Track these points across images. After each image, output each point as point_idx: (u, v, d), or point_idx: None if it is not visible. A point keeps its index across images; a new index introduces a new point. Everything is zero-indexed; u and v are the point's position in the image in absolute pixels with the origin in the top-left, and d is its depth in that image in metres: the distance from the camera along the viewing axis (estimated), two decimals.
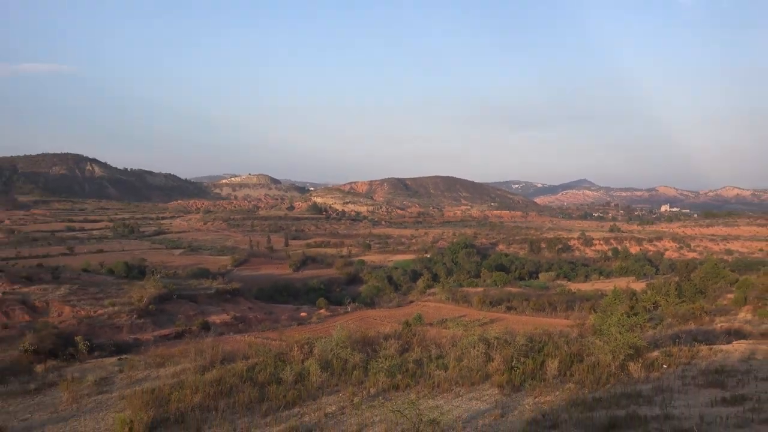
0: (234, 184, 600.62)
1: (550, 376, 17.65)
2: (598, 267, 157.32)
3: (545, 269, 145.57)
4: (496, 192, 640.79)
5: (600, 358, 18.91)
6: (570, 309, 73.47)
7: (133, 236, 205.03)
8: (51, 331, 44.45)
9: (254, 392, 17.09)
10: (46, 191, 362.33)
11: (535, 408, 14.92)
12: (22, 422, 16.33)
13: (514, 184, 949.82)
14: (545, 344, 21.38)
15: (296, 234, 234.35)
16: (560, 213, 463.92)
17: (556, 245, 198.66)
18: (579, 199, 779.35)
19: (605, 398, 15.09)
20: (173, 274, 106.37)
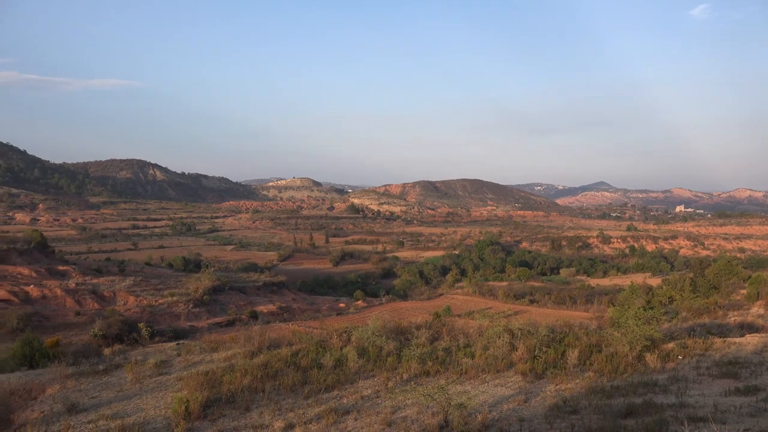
0: (280, 186, 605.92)
1: (571, 365, 17.38)
2: (615, 263, 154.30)
3: (566, 265, 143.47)
4: (520, 193, 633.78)
5: (618, 349, 18.55)
6: (589, 302, 72.27)
7: (190, 233, 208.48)
8: (117, 318, 45.54)
9: (297, 376, 17.22)
10: (114, 193, 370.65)
11: (556, 395, 14.70)
12: (92, 400, 16.72)
13: (537, 186, 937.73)
14: (566, 335, 21.07)
15: (336, 232, 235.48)
16: (580, 213, 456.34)
17: (576, 243, 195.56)
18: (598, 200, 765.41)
19: (623, 387, 14.79)
20: (225, 267, 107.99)
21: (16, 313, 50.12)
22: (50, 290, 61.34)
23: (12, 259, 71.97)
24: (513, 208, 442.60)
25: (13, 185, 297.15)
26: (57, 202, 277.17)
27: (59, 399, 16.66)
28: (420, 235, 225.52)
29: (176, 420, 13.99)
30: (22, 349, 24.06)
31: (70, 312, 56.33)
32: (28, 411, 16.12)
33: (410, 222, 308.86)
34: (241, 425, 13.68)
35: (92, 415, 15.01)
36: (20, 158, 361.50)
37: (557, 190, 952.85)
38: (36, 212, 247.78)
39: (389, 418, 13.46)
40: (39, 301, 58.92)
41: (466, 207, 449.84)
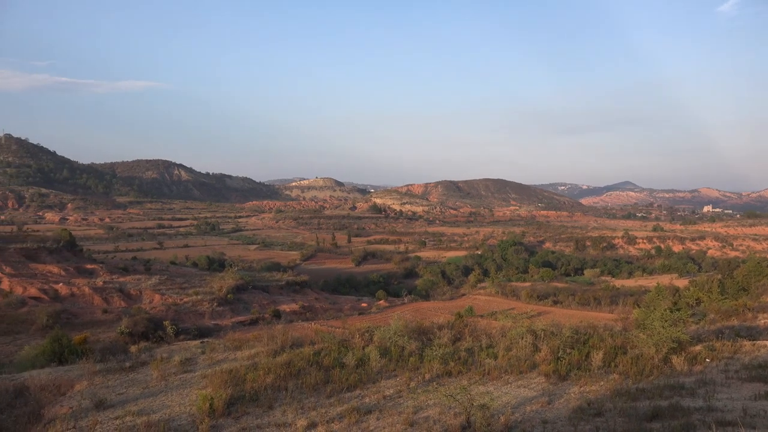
0: (302, 186, 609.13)
1: (595, 367, 17.18)
2: (641, 264, 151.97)
3: (590, 266, 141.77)
4: (543, 193, 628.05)
5: (643, 351, 18.29)
6: (614, 304, 71.33)
7: (214, 233, 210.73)
8: (143, 316, 46.31)
9: (320, 375, 17.29)
10: (140, 193, 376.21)
11: (580, 397, 14.55)
12: (119, 396, 17.00)
13: (560, 186, 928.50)
14: (590, 336, 20.82)
15: (358, 232, 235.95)
16: (605, 213, 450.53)
17: (600, 243, 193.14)
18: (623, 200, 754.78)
19: (649, 389, 14.57)
20: (249, 267, 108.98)
21: (46, 310, 51.23)
22: (79, 288, 62.53)
23: (42, 258, 73.56)
24: (536, 208, 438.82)
25: (43, 185, 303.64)
26: (85, 201, 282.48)
27: (87, 395, 16.96)
28: (442, 235, 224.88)
29: (201, 417, 14.15)
30: (51, 346, 24.53)
31: (97, 310, 57.39)
32: (58, 406, 16.45)
33: (432, 222, 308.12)
34: (265, 423, 13.78)
35: (119, 411, 15.25)
36: (50, 159, 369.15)
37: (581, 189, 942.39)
38: (65, 212, 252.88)
39: (411, 418, 13.45)
40: (68, 299, 60.13)
41: (489, 207, 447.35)
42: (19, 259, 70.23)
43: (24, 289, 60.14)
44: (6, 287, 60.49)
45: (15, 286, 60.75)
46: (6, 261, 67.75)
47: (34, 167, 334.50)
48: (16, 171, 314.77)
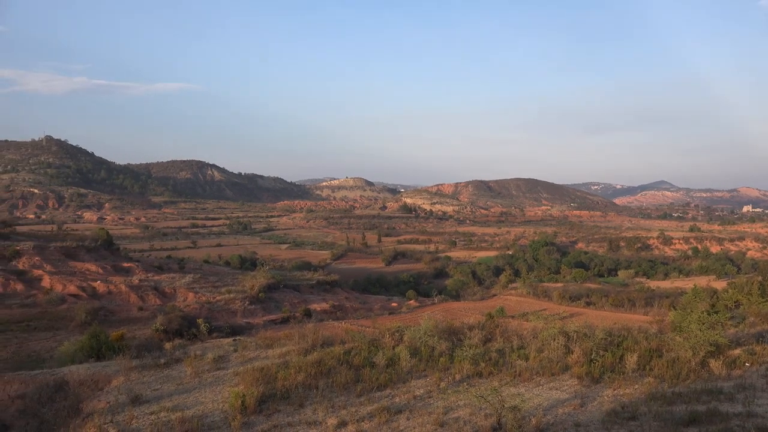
0: (333, 186, 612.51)
1: (629, 370, 16.86)
2: (677, 265, 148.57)
3: (624, 267, 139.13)
4: (576, 193, 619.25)
5: (680, 354, 17.89)
6: (649, 305, 69.85)
7: (246, 232, 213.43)
8: (178, 314, 47.10)
9: (350, 374, 17.36)
10: (174, 193, 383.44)
11: (614, 400, 14.30)
12: (154, 392, 17.35)
13: (594, 186, 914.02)
14: (624, 339, 20.46)
15: (388, 231, 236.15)
16: (639, 213, 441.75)
17: (635, 244, 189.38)
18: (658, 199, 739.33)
19: (685, 393, 14.24)
20: (280, 266, 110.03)
21: (85, 307, 52.56)
22: (115, 286, 64.01)
23: (81, 256, 75.54)
24: (569, 208, 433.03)
25: (81, 185, 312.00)
26: (122, 201, 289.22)
27: (124, 390, 17.36)
28: (473, 235, 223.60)
29: (233, 414, 14.35)
30: (89, 342, 25.18)
31: (133, 307, 58.64)
32: (95, 401, 16.87)
33: (463, 222, 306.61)
34: (295, 421, 13.90)
35: (154, 407, 15.57)
36: (88, 160, 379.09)
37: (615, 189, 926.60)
38: (102, 211, 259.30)
39: (441, 419, 13.41)
40: (105, 297, 61.59)
41: (520, 207, 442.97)
42: (59, 258, 72.23)
43: (64, 287, 61.84)
44: (47, 284, 62.30)
45: (55, 283, 62.52)
46: (47, 259, 69.75)
47: (74, 168, 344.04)
48: (57, 172, 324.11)
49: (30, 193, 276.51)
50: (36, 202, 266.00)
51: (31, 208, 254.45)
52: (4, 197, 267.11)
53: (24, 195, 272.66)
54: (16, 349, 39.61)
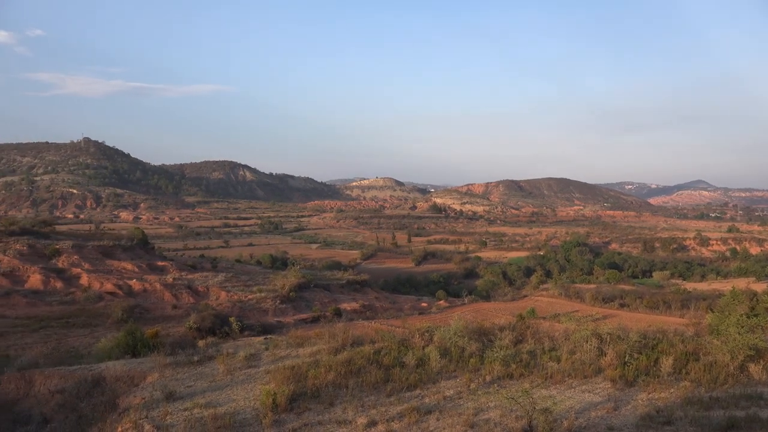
0: (363, 186, 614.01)
1: (665, 373, 16.50)
2: (715, 267, 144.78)
3: (659, 268, 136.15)
4: (609, 193, 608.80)
5: (717, 358, 17.43)
6: (685, 308, 68.20)
7: (277, 232, 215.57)
8: (210, 312, 47.79)
9: (380, 373, 17.37)
10: (207, 193, 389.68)
11: (648, 403, 14.01)
12: (188, 388, 17.65)
13: (628, 185, 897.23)
14: (659, 341, 20.02)
15: (418, 231, 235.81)
16: (675, 213, 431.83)
17: (670, 245, 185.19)
18: (695, 199, 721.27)
19: (723, 398, 13.88)
20: (310, 265, 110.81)
21: (121, 305, 53.79)
22: (150, 284, 65.31)
23: (117, 255, 77.31)
24: (602, 208, 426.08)
25: (118, 186, 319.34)
26: (156, 201, 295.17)
27: (158, 386, 17.69)
28: (503, 235, 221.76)
29: (264, 412, 14.51)
30: (126, 339, 25.73)
31: (167, 305, 59.74)
32: (131, 396, 17.25)
33: (493, 222, 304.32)
34: (326, 419, 13.98)
35: (188, 403, 15.84)
36: (124, 161, 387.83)
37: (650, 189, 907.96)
38: (138, 211, 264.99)
39: (472, 420, 13.32)
40: (140, 295, 62.91)
41: (552, 207, 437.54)
42: (97, 256, 74.05)
43: (101, 285, 63.38)
44: (85, 283, 63.95)
45: (93, 281, 64.12)
46: (85, 258, 71.58)
47: (111, 169, 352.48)
48: (94, 172, 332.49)
49: (69, 193, 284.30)
50: (75, 202, 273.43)
51: (70, 208, 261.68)
52: (45, 197, 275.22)
53: (63, 195, 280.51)
54: (56, 344, 40.74)
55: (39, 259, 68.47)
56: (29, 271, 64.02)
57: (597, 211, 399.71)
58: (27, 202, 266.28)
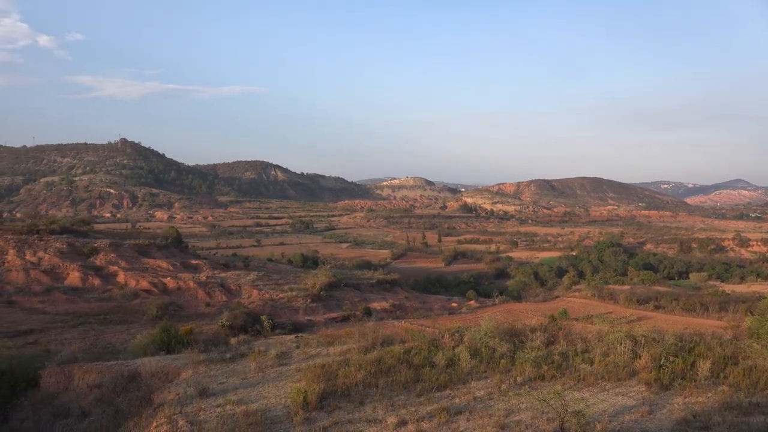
0: (393, 185, 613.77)
1: (702, 377, 16.08)
2: (755, 268, 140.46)
3: (696, 269, 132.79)
4: (644, 192, 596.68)
5: (758, 363, 16.94)
6: (723, 310, 66.35)
7: (308, 231, 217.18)
8: (242, 310, 48.48)
9: (410, 373, 17.35)
10: (239, 193, 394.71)
11: (685, 408, 13.70)
12: (220, 385, 17.92)
13: (663, 185, 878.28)
14: (696, 345, 19.52)
15: (448, 231, 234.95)
16: (713, 213, 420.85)
17: (708, 245, 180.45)
18: (734, 199, 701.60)
19: (763, 404, 13.48)
20: (341, 265, 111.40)
21: (156, 302, 54.94)
22: (184, 282, 66.52)
23: (152, 253, 78.94)
24: (636, 208, 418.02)
25: (153, 186, 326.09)
26: (190, 201, 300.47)
27: (192, 383, 18.00)
28: (535, 235, 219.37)
29: (295, 409, 14.63)
30: (160, 336, 26.24)
31: (201, 303, 60.77)
32: (166, 392, 17.59)
33: (525, 222, 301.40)
34: (356, 418, 14.03)
35: (220, 400, 16.08)
36: (159, 161, 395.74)
37: (687, 188, 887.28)
38: (172, 210, 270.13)
39: (502, 421, 13.21)
40: (175, 292, 64.13)
41: (585, 206, 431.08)
42: (133, 255, 75.75)
43: (137, 282, 64.83)
44: (121, 280, 65.50)
45: (129, 279, 65.64)
46: (122, 256, 73.29)
47: (146, 169, 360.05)
48: (131, 173, 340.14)
49: (106, 193, 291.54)
50: (112, 201, 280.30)
51: (108, 208, 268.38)
52: (84, 197, 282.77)
53: (101, 195, 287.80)
54: (94, 340, 41.84)
55: (78, 257, 70.37)
56: (69, 268, 65.85)
57: (631, 210, 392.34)
58: (66, 201, 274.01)
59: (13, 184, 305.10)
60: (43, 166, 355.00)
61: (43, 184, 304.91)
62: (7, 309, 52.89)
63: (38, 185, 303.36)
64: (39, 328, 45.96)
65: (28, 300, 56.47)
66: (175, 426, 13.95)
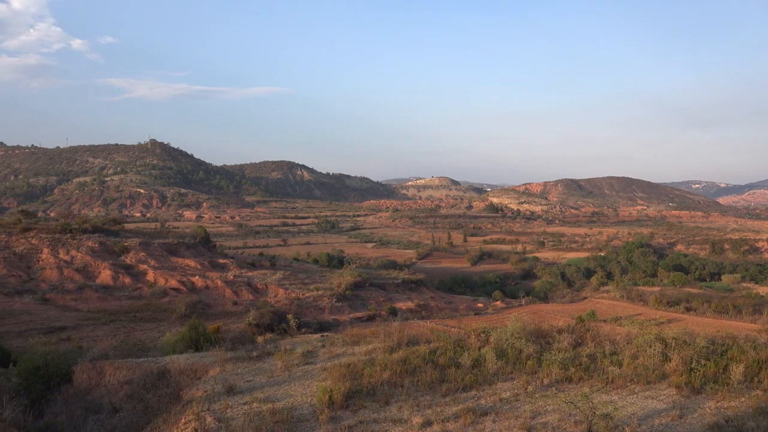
0: (418, 185, 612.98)
1: (735, 381, 15.70)
2: None
3: (729, 271, 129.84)
4: (675, 192, 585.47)
5: None
6: (757, 313, 64.86)
7: (334, 231, 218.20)
8: (269, 309, 48.93)
9: (435, 373, 17.29)
10: (266, 192, 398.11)
11: (717, 412, 13.39)
12: (247, 383, 18.09)
13: (695, 184, 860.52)
14: (729, 348, 19.07)
15: (474, 231, 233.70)
16: (746, 213, 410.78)
17: (741, 246, 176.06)
18: None
19: None
20: (366, 264, 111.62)
21: (185, 300, 55.77)
22: (212, 281, 67.37)
23: (181, 252, 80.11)
24: (666, 208, 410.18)
25: (182, 186, 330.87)
26: (218, 200, 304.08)
27: (219, 380, 18.22)
28: (562, 235, 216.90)
29: (321, 408, 14.70)
30: (189, 334, 26.62)
31: (228, 301, 61.49)
32: (194, 389, 17.83)
33: (551, 222, 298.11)
34: (381, 418, 14.04)
35: (247, 398, 16.23)
36: (188, 161, 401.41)
37: (719, 188, 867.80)
38: (200, 210, 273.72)
39: (529, 423, 13.09)
40: (203, 291, 65.01)
41: (613, 206, 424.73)
42: (162, 254, 76.99)
43: (166, 281, 65.87)
44: (151, 279, 66.62)
45: (158, 277, 66.72)
46: (151, 255, 74.54)
47: (175, 169, 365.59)
48: (160, 173, 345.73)
49: (137, 193, 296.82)
50: (142, 201, 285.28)
51: (138, 207, 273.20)
52: (114, 197, 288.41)
53: (131, 195, 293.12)
54: (124, 337, 42.65)
55: (109, 255, 71.79)
56: (100, 267, 67.22)
57: (661, 211, 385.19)
58: (98, 201, 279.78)
59: (47, 184, 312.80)
60: (76, 167, 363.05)
61: (75, 184, 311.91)
62: (42, 306, 54.26)
63: (71, 185, 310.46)
64: (72, 325, 47.08)
65: (61, 297, 57.83)
66: (203, 423, 14.12)
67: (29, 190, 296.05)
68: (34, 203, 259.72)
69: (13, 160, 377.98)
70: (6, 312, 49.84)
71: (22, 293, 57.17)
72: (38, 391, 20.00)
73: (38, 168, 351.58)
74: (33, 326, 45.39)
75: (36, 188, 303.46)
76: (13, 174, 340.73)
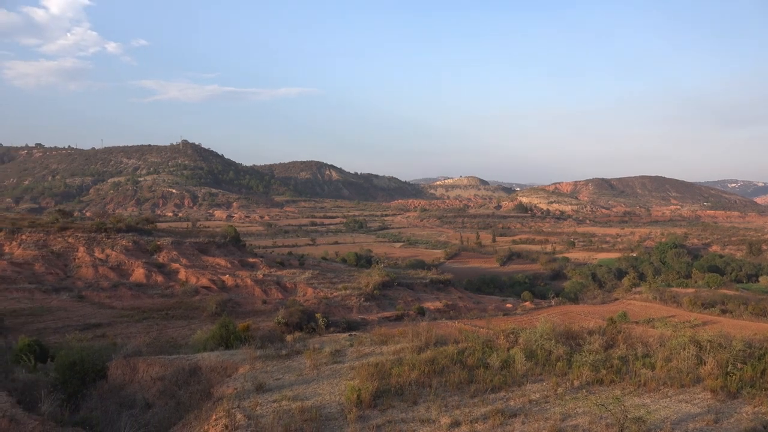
0: (447, 185, 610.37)
1: None
2: None
3: (766, 272, 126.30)
4: (710, 191, 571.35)
5: None
6: None
7: (362, 230, 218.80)
8: (298, 308, 49.28)
9: (464, 374, 17.19)
10: (295, 192, 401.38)
11: (754, 417, 13.04)
12: (276, 381, 18.25)
13: (731, 183, 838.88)
14: (767, 351, 18.55)
15: (503, 231, 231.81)
16: None
17: None
18: None
19: None
20: (394, 264, 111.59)
21: (215, 299, 56.57)
22: (242, 280, 68.18)
23: (212, 251, 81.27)
24: (701, 208, 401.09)
25: (213, 186, 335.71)
26: (248, 200, 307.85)
27: (249, 378, 18.42)
28: (593, 235, 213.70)
29: (349, 407, 14.75)
30: (220, 332, 27.00)
31: (257, 300, 62.17)
32: (224, 387, 18.07)
33: (582, 222, 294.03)
34: (409, 418, 14.02)
35: (276, 396, 16.38)
36: (219, 162, 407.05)
37: (756, 187, 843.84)
38: (231, 209, 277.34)
39: (558, 426, 12.93)
40: (233, 289, 65.84)
41: (646, 206, 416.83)
42: (193, 252, 78.24)
43: (197, 279, 66.89)
44: (183, 277, 67.72)
45: (190, 276, 67.80)
46: (183, 254, 75.81)
47: (206, 169, 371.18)
48: (191, 173, 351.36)
49: (169, 192, 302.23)
50: (174, 201, 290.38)
51: (170, 207, 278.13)
52: (147, 197, 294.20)
53: (164, 194, 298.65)
54: (157, 334, 43.46)
55: (142, 254, 73.24)
56: (134, 265, 68.61)
57: (696, 210, 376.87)
58: (132, 201, 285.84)
59: (83, 185, 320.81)
60: (111, 167, 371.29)
61: (110, 184, 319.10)
62: (78, 303, 55.66)
63: (106, 185, 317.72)
64: (106, 322, 48.17)
65: (96, 295, 59.23)
66: (234, 420, 14.29)
67: (66, 190, 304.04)
68: (70, 203, 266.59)
69: (50, 161, 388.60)
70: (44, 309, 51.26)
71: (59, 290, 58.72)
72: (74, 386, 20.48)
73: (74, 168, 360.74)
74: (69, 323, 46.59)
75: (72, 188, 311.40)
76: (51, 174, 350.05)
